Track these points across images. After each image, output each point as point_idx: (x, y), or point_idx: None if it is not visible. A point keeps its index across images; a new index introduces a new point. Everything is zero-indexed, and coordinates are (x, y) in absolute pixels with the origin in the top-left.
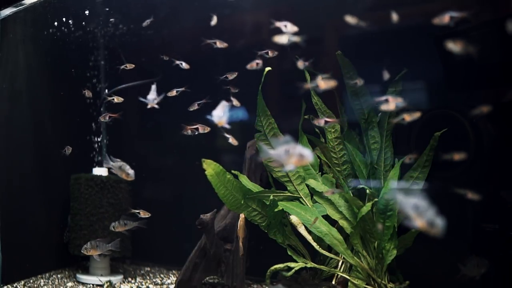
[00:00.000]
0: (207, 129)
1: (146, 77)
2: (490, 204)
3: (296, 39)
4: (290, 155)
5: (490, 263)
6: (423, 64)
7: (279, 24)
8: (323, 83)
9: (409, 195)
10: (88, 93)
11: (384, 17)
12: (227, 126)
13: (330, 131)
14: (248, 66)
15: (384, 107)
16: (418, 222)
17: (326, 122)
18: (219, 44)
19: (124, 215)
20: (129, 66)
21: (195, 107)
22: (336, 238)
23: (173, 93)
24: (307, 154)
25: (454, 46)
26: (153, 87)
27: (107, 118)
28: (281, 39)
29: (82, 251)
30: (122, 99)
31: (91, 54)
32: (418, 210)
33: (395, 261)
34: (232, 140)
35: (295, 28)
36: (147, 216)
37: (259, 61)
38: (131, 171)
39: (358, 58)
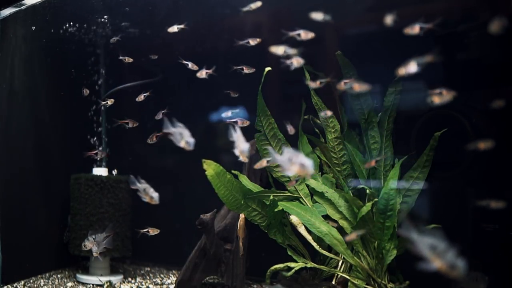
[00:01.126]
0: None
1: (146, 77)
2: (490, 204)
3: (292, 51)
4: (293, 163)
5: (490, 262)
6: (424, 64)
7: (293, 33)
8: (358, 85)
9: (425, 234)
10: (86, 92)
11: (384, 17)
12: (246, 160)
13: (330, 131)
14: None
15: (436, 100)
16: (437, 264)
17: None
18: (252, 42)
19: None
20: (127, 59)
21: (159, 116)
22: (336, 238)
23: (141, 97)
24: (309, 164)
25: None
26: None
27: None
28: (278, 50)
29: (82, 248)
30: (113, 100)
31: (91, 54)
32: (436, 251)
33: (395, 261)
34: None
35: (310, 35)
36: (156, 233)
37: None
38: (155, 194)
39: (358, 58)
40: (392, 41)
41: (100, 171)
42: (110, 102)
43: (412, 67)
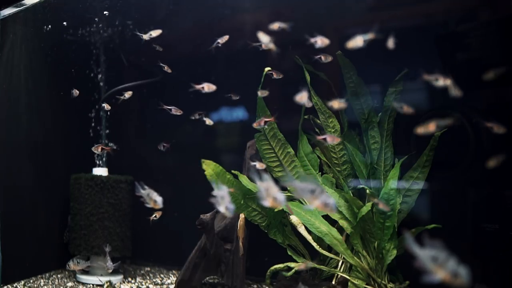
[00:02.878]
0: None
1: (146, 77)
2: (490, 204)
3: (271, 46)
4: (315, 197)
5: (490, 263)
6: (423, 64)
7: (313, 39)
8: (442, 79)
9: (426, 247)
10: (75, 93)
11: (385, 17)
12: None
13: (330, 131)
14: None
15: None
16: (440, 274)
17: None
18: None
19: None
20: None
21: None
22: (336, 238)
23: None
24: (332, 203)
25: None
26: None
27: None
28: (267, 43)
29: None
30: (110, 107)
31: (91, 54)
32: (438, 261)
33: (395, 261)
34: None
35: (326, 41)
36: (160, 213)
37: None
38: (158, 198)
39: (358, 58)
40: (392, 41)
41: (100, 171)
42: (107, 106)
43: (359, 42)
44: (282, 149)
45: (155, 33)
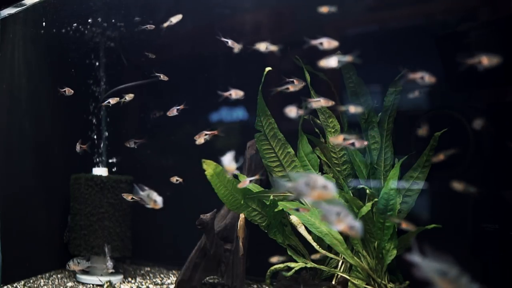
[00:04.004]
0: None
1: (145, 77)
2: (490, 204)
3: (273, 48)
4: (312, 188)
5: (490, 262)
6: (424, 64)
7: (315, 41)
8: (486, 59)
9: (430, 261)
10: (68, 91)
11: (385, 17)
12: (236, 172)
13: (330, 131)
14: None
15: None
16: (444, 286)
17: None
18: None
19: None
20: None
21: (173, 112)
22: (336, 238)
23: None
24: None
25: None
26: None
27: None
28: (261, 47)
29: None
30: (117, 99)
31: (91, 54)
32: (441, 275)
33: (395, 261)
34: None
35: (334, 43)
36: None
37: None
38: (158, 198)
39: (358, 58)
40: (392, 40)
41: (100, 171)
42: (128, 97)
43: (332, 62)
44: (282, 149)
45: (175, 19)
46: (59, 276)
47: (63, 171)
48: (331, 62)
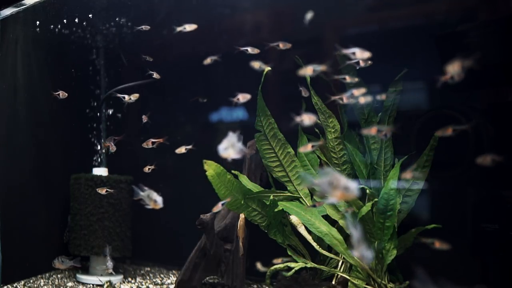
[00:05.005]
0: None
1: (145, 77)
2: (490, 204)
3: (266, 67)
4: (334, 187)
5: (490, 262)
6: (424, 64)
7: (347, 51)
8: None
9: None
10: (62, 95)
11: (384, 17)
12: (236, 157)
13: (330, 131)
14: None
15: None
16: None
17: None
18: (282, 46)
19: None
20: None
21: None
22: (336, 238)
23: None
24: (353, 187)
25: None
26: None
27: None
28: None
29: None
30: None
31: (91, 54)
32: None
33: (395, 261)
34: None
35: (366, 54)
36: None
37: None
38: (158, 198)
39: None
40: (392, 40)
41: (100, 171)
42: (133, 97)
43: (308, 71)
44: (282, 149)
45: (190, 27)
46: (59, 276)
47: (63, 171)
48: (308, 71)
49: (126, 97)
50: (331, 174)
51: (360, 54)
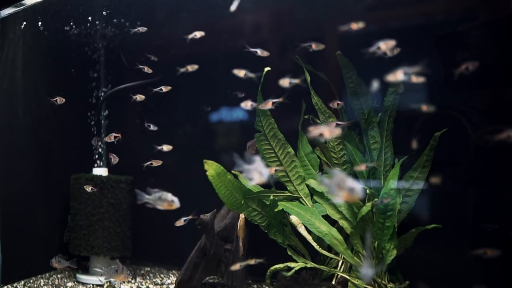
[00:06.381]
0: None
1: (146, 77)
2: (490, 204)
3: (251, 75)
4: (341, 188)
5: (490, 262)
6: (424, 64)
7: (372, 49)
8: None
9: None
10: (60, 100)
11: (384, 17)
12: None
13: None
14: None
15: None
16: None
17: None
18: (315, 47)
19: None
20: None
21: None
22: (336, 238)
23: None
24: (358, 188)
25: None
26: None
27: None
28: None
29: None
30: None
31: (91, 54)
32: None
33: (395, 261)
34: None
35: (390, 43)
36: (159, 164)
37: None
38: (175, 198)
39: (358, 58)
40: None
41: (100, 171)
42: (139, 98)
43: (285, 83)
44: (282, 149)
45: (199, 34)
46: (59, 276)
47: (63, 171)
48: (285, 82)
49: (138, 96)
50: (338, 175)
51: (385, 46)
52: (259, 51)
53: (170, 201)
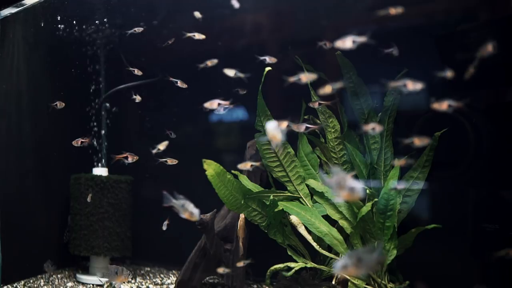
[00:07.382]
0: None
1: (146, 77)
2: (490, 204)
3: (241, 75)
4: (341, 187)
5: (490, 262)
6: (424, 64)
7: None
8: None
9: None
10: (60, 105)
11: (385, 17)
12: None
13: (330, 131)
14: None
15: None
16: None
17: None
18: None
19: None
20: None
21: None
22: (336, 238)
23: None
24: (358, 188)
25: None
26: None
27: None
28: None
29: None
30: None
31: (91, 54)
32: None
33: (395, 261)
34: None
35: (419, 85)
36: (174, 163)
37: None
38: (195, 211)
39: (358, 58)
40: (392, 40)
41: (100, 171)
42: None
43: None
44: (282, 149)
45: (199, 36)
46: (59, 276)
47: (63, 171)
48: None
49: (138, 97)
50: (339, 174)
51: (412, 86)
52: (267, 59)
53: (190, 212)
